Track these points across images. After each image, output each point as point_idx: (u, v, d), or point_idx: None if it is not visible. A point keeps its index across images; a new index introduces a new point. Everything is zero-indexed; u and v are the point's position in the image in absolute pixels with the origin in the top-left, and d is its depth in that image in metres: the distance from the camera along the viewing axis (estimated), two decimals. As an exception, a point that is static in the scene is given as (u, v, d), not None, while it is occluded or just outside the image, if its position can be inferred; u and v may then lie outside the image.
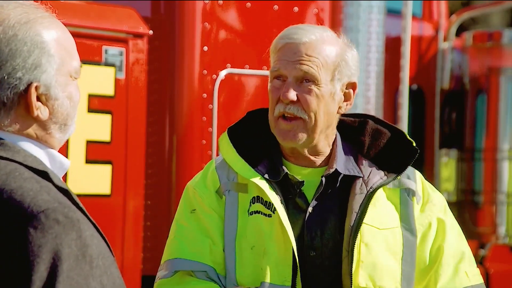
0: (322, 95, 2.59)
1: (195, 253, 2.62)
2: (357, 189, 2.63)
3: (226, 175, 2.66)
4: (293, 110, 2.59)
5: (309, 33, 2.60)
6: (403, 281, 2.64)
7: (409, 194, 2.68)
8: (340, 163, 2.65)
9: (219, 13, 4.74)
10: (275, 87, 2.62)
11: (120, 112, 4.47)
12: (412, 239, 2.65)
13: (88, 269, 1.78)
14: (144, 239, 4.57)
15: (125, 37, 4.52)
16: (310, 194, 2.64)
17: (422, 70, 6.25)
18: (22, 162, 1.84)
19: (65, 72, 1.90)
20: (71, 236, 1.76)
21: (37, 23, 1.87)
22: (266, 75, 4.79)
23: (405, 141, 2.70)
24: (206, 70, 4.68)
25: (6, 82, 1.83)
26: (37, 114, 1.87)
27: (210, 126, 4.62)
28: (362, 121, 2.74)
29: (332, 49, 2.61)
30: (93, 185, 4.41)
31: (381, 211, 2.64)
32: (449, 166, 6.33)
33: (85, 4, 4.62)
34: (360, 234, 2.58)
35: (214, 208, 2.65)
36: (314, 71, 2.58)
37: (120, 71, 4.50)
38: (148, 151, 4.61)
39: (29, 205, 1.76)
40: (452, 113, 6.32)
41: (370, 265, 2.60)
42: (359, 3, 5.26)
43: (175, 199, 4.67)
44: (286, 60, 2.59)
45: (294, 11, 4.89)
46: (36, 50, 1.85)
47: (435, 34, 6.36)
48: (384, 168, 2.67)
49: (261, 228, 2.61)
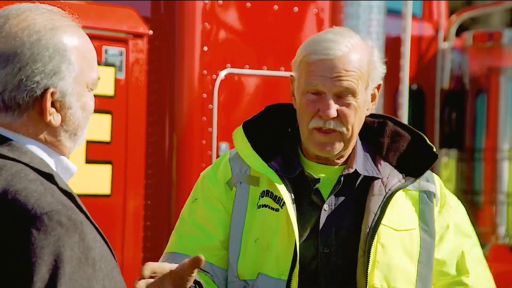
0: (359, 106, 2.60)
1: (190, 248, 2.63)
2: (376, 190, 2.63)
3: (239, 167, 2.67)
4: (333, 125, 2.59)
5: (341, 46, 2.57)
6: (418, 283, 2.64)
7: (429, 196, 2.68)
8: (359, 163, 2.65)
9: (219, 13, 4.74)
10: (310, 101, 2.60)
11: (120, 112, 4.48)
12: (430, 241, 2.66)
13: (91, 271, 1.78)
14: (144, 239, 4.58)
15: (125, 37, 4.52)
16: (326, 192, 2.65)
17: (422, 70, 6.25)
18: (28, 163, 1.84)
19: (82, 82, 1.91)
20: (73, 239, 1.76)
21: (62, 31, 1.89)
22: (266, 75, 4.83)
23: (425, 145, 2.70)
24: (206, 70, 4.68)
25: (24, 84, 1.85)
26: (50, 119, 1.88)
27: (210, 126, 4.62)
28: (381, 122, 2.73)
29: (363, 58, 2.60)
30: (93, 185, 4.41)
31: (399, 213, 2.64)
32: (449, 166, 6.33)
33: (85, 4, 4.62)
34: (377, 235, 2.59)
35: (221, 200, 2.66)
36: (354, 85, 2.58)
37: (120, 71, 4.50)
38: (148, 151, 4.61)
39: (32, 207, 1.76)
40: (452, 113, 6.32)
41: (385, 266, 2.60)
42: (359, 3, 5.26)
43: (175, 199, 4.67)
44: (323, 77, 2.57)
45: (294, 11, 4.89)
46: (57, 56, 1.87)
47: (435, 34, 6.36)
48: (402, 170, 2.67)
49: (267, 222, 2.61)
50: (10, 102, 1.85)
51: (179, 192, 4.65)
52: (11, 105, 1.86)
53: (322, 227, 2.62)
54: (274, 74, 4.73)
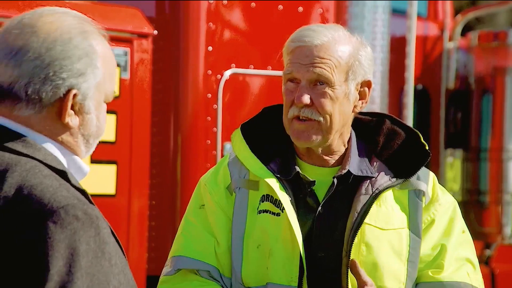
0: (336, 96, 2.57)
1: (200, 251, 2.61)
2: (363, 189, 2.61)
3: (238, 172, 2.65)
4: (308, 113, 2.57)
5: (321, 35, 2.57)
6: (408, 282, 2.62)
7: (419, 195, 2.66)
8: (353, 163, 2.63)
9: (224, 13, 4.74)
10: (289, 90, 2.60)
11: (125, 112, 4.47)
12: (418, 240, 2.63)
13: (108, 266, 1.79)
14: (149, 239, 4.58)
15: (130, 37, 4.52)
16: (322, 194, 2.62)
17: (427, 70, 6.25)
18: (42, 160, 1.86)
19: (102, 90, 1.94)
20: (89, 233, 1.77)
21: (92, 37, 1.93)
22: (271, 75, 4.82)
23: (418, 143, 2.68)
24: (211, 70, 4.68)
25: (50, 79, 1.87)
26: (68, 121, 1.90)
27: (215, 126, 4.61)
28: (378, 121, 2.72)
29: (345, 50, 2.58)
30: (98, 185, 4.41)
31: (387, 212, 2.62)
32: (455, 166, 6.32)
33: (89, 4, 4.62)
34: (360, 234, 2.57)
35: (222, 205, 2.64)
36: (327, 73, 2.56)
37: (124, 71, 4.50)
38: (152, 151, 4.61)
39: (49, 201, 1.77)
40: (458, 113, 6.31)
41: (370, 265, 2.58)
42: (364, 3, 5.26)
43: (180, 199, 4.67)
44: (298, 63, 2.57)
45: (298, 11, 4.89)
46: (86, 58, 1.90)
47: (440, 34, 6.35)
48: (394, 169, 2.65)
49: (268, 228, 2.59)
50: (32, 95, 1.87)
51: (183, 192, 4.65)
52: (33, 98, 1.87)
53: (317, 230, 2.60)
54: (279, 74, 4.69)
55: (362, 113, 2.74)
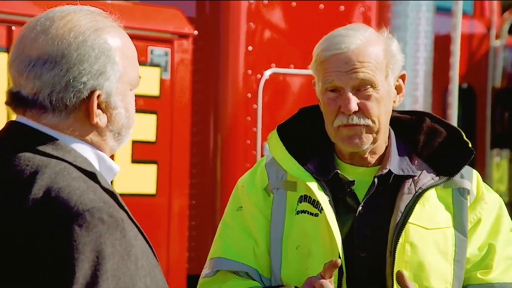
0: (381, 97, 2.55)
1: (238, 253, 2.60)
2: (406, 189, 2.58)
3: (275, 173, 2.64)
4: (356, 119, 2.54)
5: (354, 39, 2.53)
6: (455, 282, 2.59)
7: (463, 193, 2.62)
8: (394, 162, 2.60)
9: (264, 12, 4.73)
10: (331, 99, 2.56)
11: (165, 112, 4.50)
12: (464, 239, 2.60)
13: (134, 268, 1.79)
14: (189, 239, 4.59)
15: (170, 38, 4.54)
16: (361, 194, 2.60)
17: (472, 69, 6.17)
18: (72, 162, 1.87)
19: (125, 81, 1.93)
20: (115, 236, 1.78)
21: (106, 32, 1.91)
22: (311, 74, 4.80)
23: (461, 141, 2.64)
24: (251, 70, 4.68)
25: (71, 85, 1.87)
26: (97, 121, 1.91)
27: (255, 126, 4.61)
28: (418, 119, 2.69)
29: (379, 49, 2.56)
30: (139, 185, 4.44)
31: (431, 211, 2.59)
32: (501, 167, 6.24)
33: (130, 4, 4.66)
34: (404, 234, 2.54)
35: (259, 207, 2.63)
36: (370, 76, 2.53)
37: (165, 71, 4.52)
38: (192, 151, 4.63)
39: (75, 204, 1.78)
40: (504, 112, 6.23)
41: (416, 265, 2.55)
42: (408, 2, 5.22)
43: (220, 198, 4.68)
44: (338, 72, 2.53)
45: (340, 10, 4.86)
46: (103, 57, 1.89)
47: (486, 32, 6.27)
48: (436, 168, 2.62)
49: (307, 228, 2.58)
50: (57, 103, 1.88)
51: (223, 192, 4.66)
52: (58, 106, 1.88)
53: (357, 230, 2.58)
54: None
55: (401, 111, 2.72)
